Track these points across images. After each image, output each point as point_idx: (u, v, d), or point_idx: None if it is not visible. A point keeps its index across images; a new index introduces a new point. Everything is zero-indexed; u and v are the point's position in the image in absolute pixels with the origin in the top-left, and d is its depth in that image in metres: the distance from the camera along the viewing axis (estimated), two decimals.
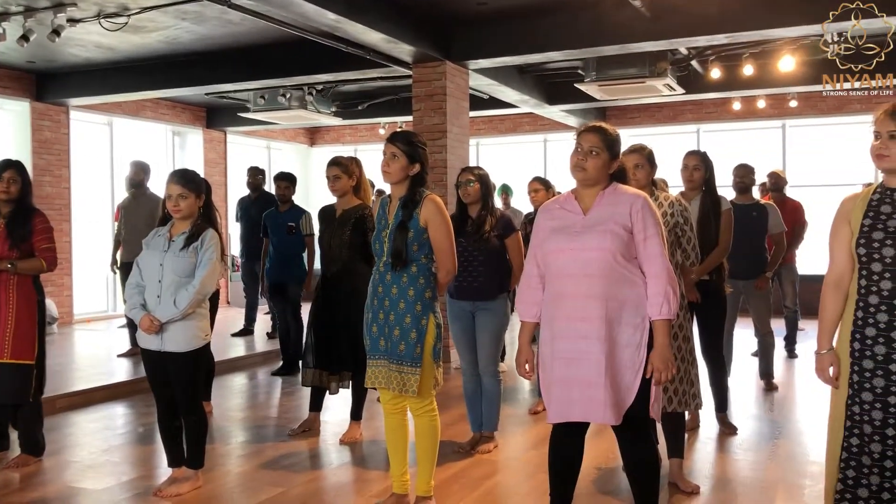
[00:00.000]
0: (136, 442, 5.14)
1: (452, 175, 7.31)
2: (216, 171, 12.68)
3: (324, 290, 4.99)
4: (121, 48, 8.58)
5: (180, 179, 3.90)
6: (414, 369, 3.52)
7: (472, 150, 10.86)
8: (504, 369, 6.89)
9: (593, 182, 2.98)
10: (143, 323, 3.81)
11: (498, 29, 7.51)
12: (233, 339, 8.87)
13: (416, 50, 7.37)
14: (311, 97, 10.39)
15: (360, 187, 5.02)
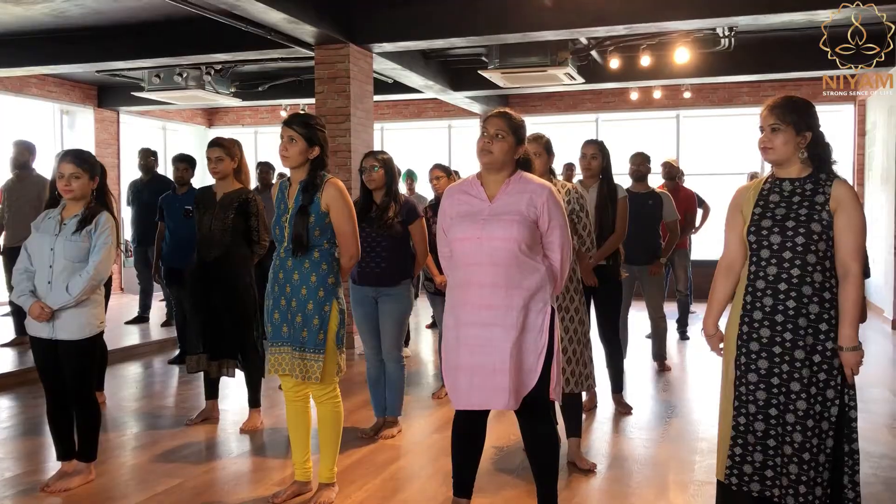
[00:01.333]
0: (22, 435, 4.89)
1: (356, 159, 7.25)
2: (108, 152, 12.15)
3: (202, 275, 4.84)
4: (3, 20, 8.07)
5: (74, 159, 3.73)
6: (317, 356, 3.48)
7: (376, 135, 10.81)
8: (408, 354, 6.92)
9: (499, 166, 3.02)
10: (34, 310, 3.64)
11: (402, 12, 7.47)
12: (127, 326, 8.56)
13: (319, 31, 7.25)
14: (209, 77, 10.08)
15: (241, 170, 4.89)
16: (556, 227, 3.00)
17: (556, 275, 3.04)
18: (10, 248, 7.05)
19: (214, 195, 4.84)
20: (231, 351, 4.87)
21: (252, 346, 4.89)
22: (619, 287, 5.18)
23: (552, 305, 3.01)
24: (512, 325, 2.91)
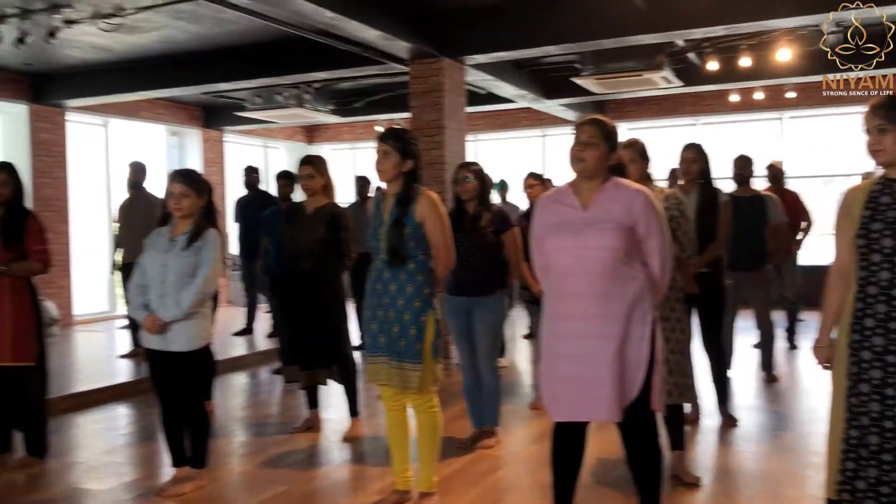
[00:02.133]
0: (139, 442, 5.15)
1: (450, 171, 7.29)
2: (214, 170, 12.67)
3: (294, 287, 4.97)
4: (117, 49, 8.57)
5: (182, 179, 3.90)
6: (414, 365, 3.52)
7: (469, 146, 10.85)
8: (504, 364, 6.90)
9: (592, 174, 2.98)
10: (147, 323, 3.82)
11: (494, 24, 7.49)
12: (234, 338, 8.87)
13: (413, 46, 7.36)
14: (308, 95, 10.38)
15: (328, 187, 5.03)
16: (655, 233, 2.93)
17: (656, 283, 2.98)
18: (127, 265, 7.43)
19: (305, 210, 4.98)
20: (323, 360, 4.97)
21: (345, 355, 4.99)
22: (722, 295, 5.01)
23: (653, 314, 2.94)
24: (611, 335, 2.86)
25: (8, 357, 4.26)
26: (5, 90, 9.72)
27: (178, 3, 6.81)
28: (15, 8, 6.91)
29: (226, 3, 6.27)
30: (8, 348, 4.26)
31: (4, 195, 4.33)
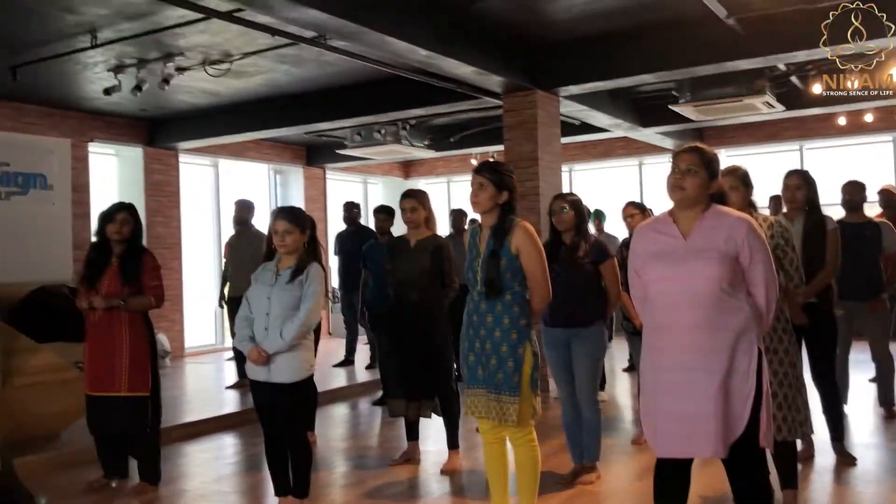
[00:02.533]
0: (245, 472, 5.31)
1: (545, 202, 7.29)
2: (316, 206, 13.05)
3: (401, 319, 5.05)
4: (225, 93, 9.01)
5: (287, 216, 4.05)
6: (512, 398, 3.51)
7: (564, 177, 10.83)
8: (604, 398, 6.77)
9: (692, 202, 2.92)
10: (252, 354, 3.94)
11: (587, 55, 7.49)
12: (334, 369, 9.05)
13: (506, 80, 7.44)
14: (404, 131, 10.61)
15: (430, 219, 5.12)
16: (759, 262, 2.84)
17: (761, 313, 2.87)
18: (234, 298, 7.73)
19: (408, 242, 5.07)
20: (428, 392, 5.02)
21: (449, 387, 5.01)
22: (832, 325, 4.78)
23: (759, 346, 2.84)
24: (716, 368, 2.77)
25: (124, 387, 4.48)
26: (123, 134, 10.35)
27: (281, 48, 7.12)
28: (133, 58, 7.39)
29: (326, 46, 6.52)
30: (125, 379, 4.48)
31: (124, 234, 4.59)
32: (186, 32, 6.65)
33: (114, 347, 4.48)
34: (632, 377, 8.20)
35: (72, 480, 4.92)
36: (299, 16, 5.33)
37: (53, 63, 7.32)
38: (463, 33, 6.71)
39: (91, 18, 6.24)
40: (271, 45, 7.03)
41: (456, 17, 6.39)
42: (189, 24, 6.39)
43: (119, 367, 4.48)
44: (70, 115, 9.62)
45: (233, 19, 5.88)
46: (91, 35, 6.63)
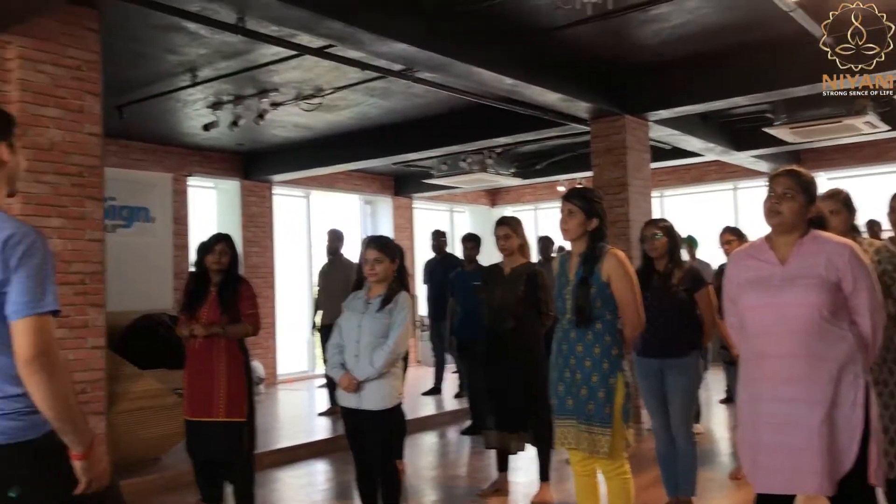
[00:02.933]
0: (335, 498, 5.36)
1: (635, 229, 7.17)
2: (404, 235, 13.22)
3: (495, 348, 5.01)
4: (316, 126, 9.28)
5: (376, 245, 4.11)
6: (604, 429, 3.44)
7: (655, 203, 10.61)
8: (700, 431, 6.54)
9: (790, 228, 2.82)
10: (343, 381, 3.99)
11: (677, 78, 7.37)
12: (423, 397, 9.07)
13: (593, 106, 7.38)
14: (490, 160, 10.65)
15: (524, 247, 5.09)
16: (863, 289, 2.70)
17: (866, 343, 2.73)
18: (325, 326, 7.87)
19: (502, 270, 5.05)
20: (523, 424, 4.95)
21: (543, 418, 4.94)
22: None
23: (865, 378, 2.70)
24: (818, 400, 2.64)
25: (222, 413, 4.61)
26: (221, 168, 10.78)
27: (370, 82, 7.28)
28: (230, 95, 7.70)
29: (413, 79, 6.63)
30: (222, 405, 4.61)
31: (223, 264, 4.76)
32: (280, 69, 6.90)
33: (212, 374, 4.62)
34: (729, 409, 7.91)
35: (171, 503, 5.08)
36: (388, 50, 5.45)
37: (156, 101, 7.71)
38: (548, 60, 6.71)
39: (191, 58, 6.55)
40: (361, 79, 7.21)
41: (540, 44, 6.40)
42: (283, 61, 6.62)
43: (217, 393, 4.61)
44: (171, 150, 10.09)
45: (324, 55, 6.07)
46: (191, 74, 6.95)
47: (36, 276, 2.05)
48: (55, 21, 4.93)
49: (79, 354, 5.01)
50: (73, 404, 2.07)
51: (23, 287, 2.03)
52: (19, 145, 2.26)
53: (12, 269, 2.03)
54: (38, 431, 2.09)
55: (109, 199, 8.14)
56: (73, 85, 5.05)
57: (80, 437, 2.09)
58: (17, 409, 2.07)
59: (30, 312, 2.03)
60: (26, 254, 2.05)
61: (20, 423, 2.07)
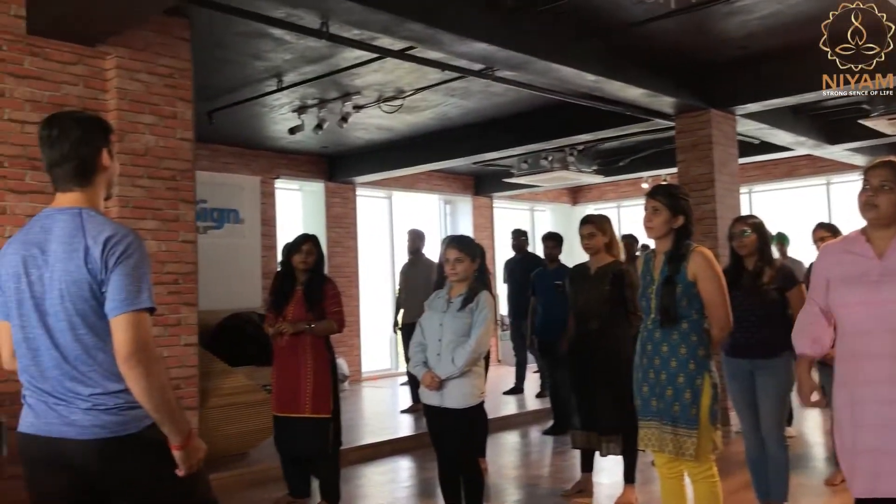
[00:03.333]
0: (419, 495, 5.41)
1: (722, 226, 6.97)
2: (484, 235, 13.23)
3: (582, 348, 4.96)
4: (398, 128, 9.38)
5: (457, 245, 4.13)
6: (690, 431, 3.36)
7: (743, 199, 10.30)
8: (792, 434, 6.32)
9: (887, 221, 2.69)
10: (425, 379, 4.03)
11: (764, 71, 7.13)
12: (504, 396, 9.06)
13: (678, 101, 7.23)
14: (572, 157, 10.54)
15: (611, 244, 4.99)
16: None
17: None
18: (407, 325, 7.96)
19: (588, 269, 5.00)
20: (612, 425, 4.87)
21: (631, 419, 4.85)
22: None
23: None
24: None
25: (308, 409, 4.72)
26: (306, 171, 11.03)
27: (450, 82, 7.32)
28: (314, 99, 7.87)
29: (493, 77, 6.63)
30: (309, 402, 4.72)
31: (309, 263, 4.87)
32: (362, 72, 7.01)
33: (299, 371, 4.74)
34: (823, 411, 7.61)
35: (259, 497, 5.23)
36: (468, 50, 5.47)
37: (244, 107, 7.95)
38: (630, 55, 6.60)
39: (277, 63, 6.73)
40: (441, 80, 7.26)
41: (622, 39, 6.31)
42: (364, 65, 6.73)
43: (303, 390, 4.72)
44: (259, 154, 10.39)
45: (405, 57, 6.13)
46: (277, 79, 7.14)
47: (133, 274, 2.14)
48: (149, 31, 5.15)
49: (173, 351, 5.22)
50: (170, 397, 2.16)
51: (120, 285, 2.12)
52: (115, 151, 2.37)
53: (111, 269, 2.13)
54: (137, 426, 2.18)
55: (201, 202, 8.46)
56: (167, 92, 5.26)
57: (178, 428, 2.17)
58: (117, 405, 2.16)
59: (127, 309, 2.11)
60: (124, 254, 2.14)
61: (120, 418, 2.16)
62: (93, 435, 2.13)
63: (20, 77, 4.69)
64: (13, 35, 4.66)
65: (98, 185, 2.30)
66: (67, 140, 2.23)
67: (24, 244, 2.23)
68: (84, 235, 2.15)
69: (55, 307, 2.16)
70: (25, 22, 4.66)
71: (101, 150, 2.29)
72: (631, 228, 12.26)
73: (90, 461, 2.15)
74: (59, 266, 2.15)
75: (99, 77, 5.05)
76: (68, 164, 2.24)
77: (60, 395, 2.16)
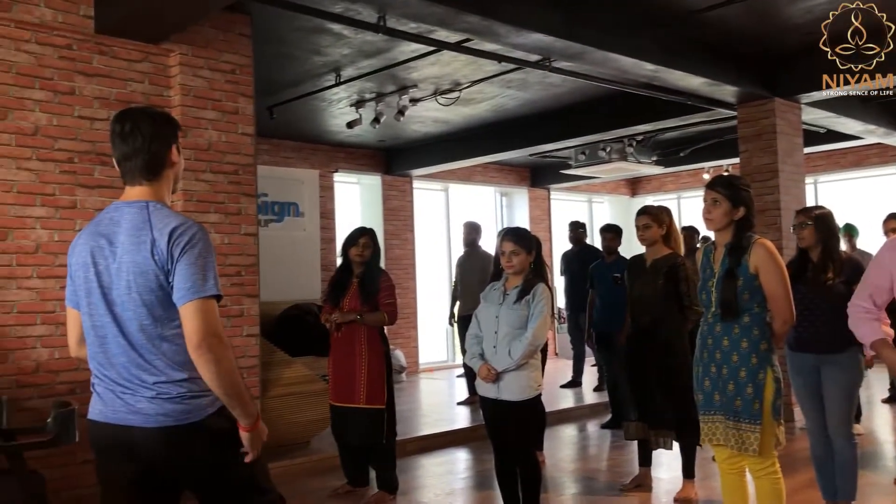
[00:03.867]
0: (475, 487, 5.43)
1: (787, 217, 6.80)
2: (541, 227, 13.16)
3: (636, 342, 4.90)
4: (454, 120, 9.39)
5: (513, 237, 4.12)
6: (753, 426, 3.30)
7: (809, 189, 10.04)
8: (860, 431, 6.14)
9: None
10: (482, 372, 4.03)
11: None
12: (562, 390, 9.02)
13: (740, 90, 7.06)
14: (630, 148, 10.40)
15: (670, 236, 4.91)
16: None
17: None
18: (463, 317, 7.98)
19: (645, 261, 4.94)
20: (667, 419, 4.82)
21: (688, 413, 4.79)
22: None
23: None
24: None
25: (363, 399, 4.78)
26: (364, 164, 11.13)
27: (507, 74, 7.30)
28: (372, 93, 7.94)
29: (551, 68, 6.58)
30: (363, 392, 4.78)
31: (365, 256, 4.93)
32: (419, 65, 7.04)
33: (353, 362, 4.80)
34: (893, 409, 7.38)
35: (319, 486, 5.32)
36: (524, 41, 5.44)
37: (303, 102, 8.06)
38: (691, 44, 6.47)
39: (335, 58, 6.80)
40: (498, 72, 7.23)
41: (682, 27, 6.19)
42: (421, 58, 6.75)
43: (358, 380, 4.78)
44: (318, 148, 10.53)
45: (462, 49, 6.13)
46: (335, 74, 7.22)
47: (198, 263, 2.19)
48: (212, 28, 5.26)
49: (235, 342, 5.34)
50: (239, 382, 2.22)
51: (187, 274, 2.18)
52: (181, 147, 2.43)
53: (177, 259, 2.18)
54: (199, 415, 2.24)
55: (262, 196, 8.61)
56: (229, 88, 5.37)
57: (247, 411, 2.24)
58: (180, 394, 2.22)
59: (194, 297, 2.17)
60: (189, 243, 2.19)
61: (183, 407, 2.22)
62: (157, 423, 2.19)
63: (89, 75, 4.85)
64: (83, 34, 4.81)
65: (166, 179, 2.36)
66: (140, 135, 2.29)
67: (93, 235, 2.29)
68: (150, 228, 2.21)
69: (122, 297, 2.22)
70: (94, 21, 4.82)
71: (171, 146, 2.35)
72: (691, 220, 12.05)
73: (154, 448, 2.21)
74: (126, 258, 2.21)
75: (163, 74, 5.18)
76: (139, 158, 2.29)
77: (126, 384, 2.22)
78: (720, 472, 3.56)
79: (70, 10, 4.75)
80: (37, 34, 4.67)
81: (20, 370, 4.49)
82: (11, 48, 4.59)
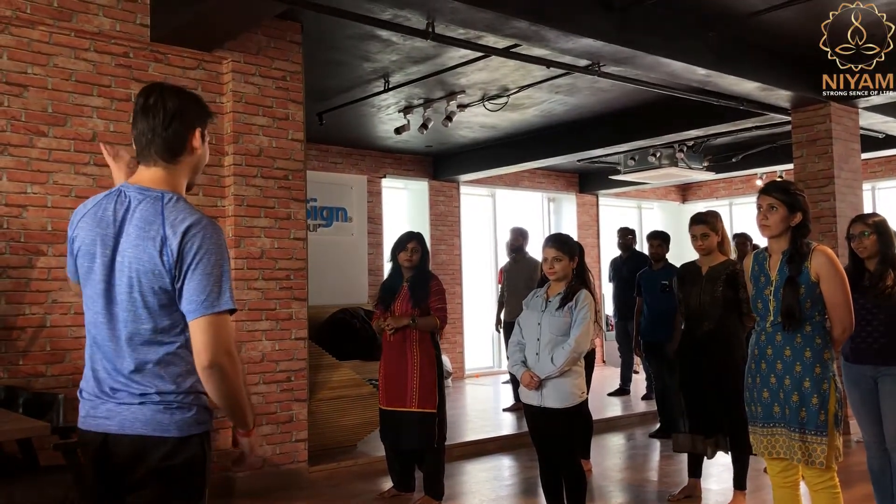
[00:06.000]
0: (521, 494, 5.40)
1: (843, 224, 6.62)
2: (589, 233, 13.05)
3: (693, 350, 4.82)
4: (502, 126, 9.38)
5: (555, 243, 4.10)
6: (819, 438, 3.23)
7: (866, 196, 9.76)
8: None
9: None
10: (524, 379, 4.02)
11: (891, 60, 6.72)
12: (609, 398, 8.92)
13: (794, 94, 6.91)
14: (681, 154, 10.25)
15: (723, 243, 4.85)
16: None
17: None
18: (509, 323, 7.95)
19: (700, 269, 4.86)
20: (721, 429, 4.73)
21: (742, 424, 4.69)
22: None
23: None
24: None
25: (415, 404, 4.79)
26: (412, 169, 11.18)
27: (555, 79, 7.26)
28: (420, 98, 7.97)
29: (600, 73, 6.53)
30: (416, 396, 4.80)
31: (414, 261, 4.95)
32: (467, 71, 7.04)
33: (406, 366, 4.82)
34: None
35: (365, 489, 5.35)
36: (573, 46, 5.40)
37: (352, 108, 8.13)
38: (744, 48, 6.36)
39: (384, 64, 6.85)
40: (546, 77, 7.20)
41: (735, 31, 6.08)
42: (469, 63, 6.76)
43: (410, 384, 4.80)
44: (366, 153, 10.61)
45: (510, 55, 6.12)
46: (384, 80, 7.27)
47: (214, 272, 2.01)
48: (263, 36, 5.35)
49: (283, 345, 5.41)
50: (243, 397, 2.08)
51: (201, 285, 1.99)
52: (209, 139, 2.25)
53: (188, 264, 2.00)
54: (181, 431, 2.05)
55: (311, 201, 8.72)
56: (279, 94, 5.45)
57: (245, 421, 2.12)
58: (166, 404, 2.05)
59: (207, 311, 1.99)
60: (202, 248, 2.01)
61: (165, 417, 2.05)
62: (133, 430, 2.03)
63: (145, 82, 4.94)
64: (139, 42, 4.94)
65: (184, 166, 2.16)
66: (163, 110, 2.09)
67: (99, 223, 2.10)
68: (163, 223, 2.02)
69: (122, 296, 2.05)
70: (150, 30, 4.94)
71: (195, 129, 2.15)
72: (744, 227, 11.81)
73: (124, 456, 2.05)
74: (130, 252, 2.03)
75: (216, 81, 5.29)
76: (158, 136, 2.09)
77: (110, 388, 2.08)
78: (773, 485, 3.48)
79: (127, 20, 4.88)
80: (95, 42, 4.81)
81: (76, 369, 4.61)
82: (71, 56, 4.74)
